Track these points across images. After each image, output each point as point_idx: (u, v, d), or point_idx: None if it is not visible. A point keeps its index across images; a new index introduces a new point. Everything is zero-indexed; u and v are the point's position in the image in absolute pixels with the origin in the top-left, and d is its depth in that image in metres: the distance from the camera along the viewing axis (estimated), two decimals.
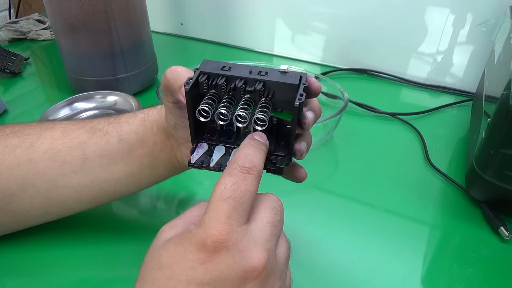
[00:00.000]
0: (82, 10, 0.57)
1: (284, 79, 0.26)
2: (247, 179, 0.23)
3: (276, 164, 0.28)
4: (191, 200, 0.46)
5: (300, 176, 0.31)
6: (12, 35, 0.90)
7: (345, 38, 0.78)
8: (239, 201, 0.22)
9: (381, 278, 0.37)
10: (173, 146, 0.34)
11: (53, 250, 0.39)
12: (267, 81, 0.26)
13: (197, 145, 0.29)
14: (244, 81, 0.26)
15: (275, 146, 0.29)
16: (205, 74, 0.27)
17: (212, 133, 0.30)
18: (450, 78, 0.73)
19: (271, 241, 0.23)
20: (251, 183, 0.23)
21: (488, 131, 0.40)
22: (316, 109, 0.29)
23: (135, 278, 0.24)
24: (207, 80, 0.27)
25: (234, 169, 0.23)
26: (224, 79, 0.26)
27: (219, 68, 0.27)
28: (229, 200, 0.22)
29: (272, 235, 0.23)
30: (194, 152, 0.28)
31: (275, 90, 0.27)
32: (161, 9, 0.93)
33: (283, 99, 0.27)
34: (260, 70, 0.27)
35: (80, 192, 0.35)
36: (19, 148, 0.34)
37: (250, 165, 0.23)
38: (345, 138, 0.58)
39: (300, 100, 0.25)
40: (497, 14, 0.60)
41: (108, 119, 0.36)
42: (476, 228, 0.43)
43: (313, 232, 0.42)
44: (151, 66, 0.70)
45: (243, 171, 0.23)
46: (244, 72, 0.27)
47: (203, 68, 0.27)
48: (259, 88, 0.26)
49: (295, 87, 0.26)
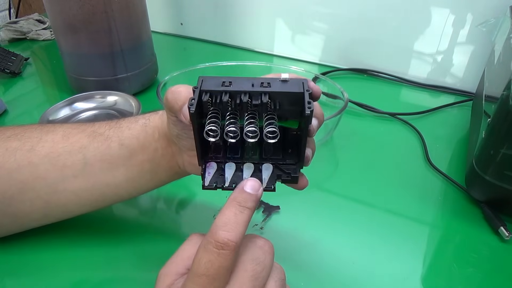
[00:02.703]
0: (82, 10, 0.57)
1: (288, 88, 0.26)
2: (221, 256, 0.23)
3: (291, 174, 0.28)
4: (191, 200, 0.46)
5: (301, 183, 0.31)
6: (12, 35, 0.90)
7: (345, 38, 0.78)
8: (213, 278, 0.23)
9: (381, 278, 0.37)
10: (174, 153, 0.34)
11: (53, 250, 0.39)
12: (271, 92, 0.26)
13: (206, 165, 0.28)
14: (248, 95, 0.26)
15: (284, 154, 0.29)
16: (207, 92, 0.26)
17: (217, 150, 0.29)
18: (450, 78, 0.73)
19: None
20: (225, 259, 0.23)
21: (488, 131, 0.40)
22: (319, 115, 0.29)
23: (135, 278, 0.24)
24: (210, 99, 0.26)
25: (209, 243, 0.23)
26: (228, 95, 0.26)
27: (220, 84, 0.26)
28: (203, 277, 0.23)
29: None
30: (206, 174, 0.28)
31: (280, 101, 0.26)
32: (161, 9, 0.93)
33: (288, 109, 0.26)
34: (261, 81, 0.26)
35: (80, 196, 0.35)
36: (19, 151, 0.34)
37: (226, 239, 0.23)
38: (345, 138, 0.58)
39: (310, 108, 0.24)
40: (497, 14, 0.60)
41: (109, 123, 0.36)
42: (476, 228, 0.43)
43: (313, 232, 0.42)
44: (151, 66, 0.70)
45: (217, 247, 0.23)
46: (246, 86, 0.26)
47: (203, 86, 0.26)
48: (266, 101, 0.25)
49: (300, 96, 0.26)
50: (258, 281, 0.24)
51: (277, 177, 0.28)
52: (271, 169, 0.28)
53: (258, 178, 0.27)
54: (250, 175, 0.27)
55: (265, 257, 0.25)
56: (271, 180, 0.27)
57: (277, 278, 0.26)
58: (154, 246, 0.40)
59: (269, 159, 0.28)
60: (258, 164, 0.28)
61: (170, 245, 0.30)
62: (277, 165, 0.28)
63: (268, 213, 0.44)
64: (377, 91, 0.73)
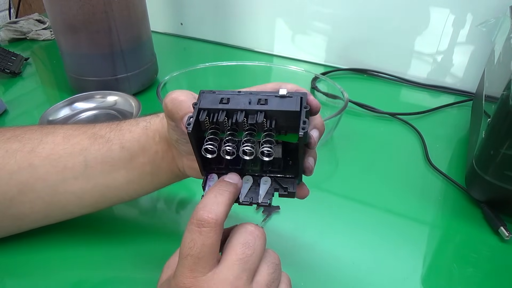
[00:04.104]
0: (82, 10, 0.57)
1: (284, 106, 0.26)
2: (202, 234, 0.24)
3: (288, 189, 0.28)
4: (191, 200, 0.46)
5: (302, 193, 0.31)
6: (12, 35, 0.90)
7: (345, 38, 0.78)
8: (197, 257, 0.24)
9: (381, 278, 0.37)
10: (174, 156, 0.34)
11: (53, 250, 0.39)
12: (268, 110, 0.26)
13: (207, 177, 0.29)
14: (245, 114, 0.26)
15: (284, 166, 0.29)
16: (205, 110, 0.27)
17: (219, 162, 0.29)
18: (450, 78, 0.73)
19: (240, 278, 0.24)
20: (207, 237, 0.24)
21: (488, 131, 0.40)
22: (320, 126, 0.29)
23: (134, 278, 0.24)
24: (208, 117, 0.26)
25: (191, 223, 0.24)
26: (224, 113, 0.26)
27: (218, 101, 0.27)
28: (188, 257, 0.24)
29: (242, 271, 0.24)
30: (206, 186, 0.29)
31: (277, 118, 0.26)
32: (161, 9, 0.93)
33: (286, 124, 0.27)
34: (259, 97, 0.27)
35: (80, 197, 0.35)
36: (20, 152, 0.34)
37: (206, 216, 0.24)
38: (345, 138, 0.58)
39: (303, 129, 0.24)
40: (497, 14, 0.60)
41: (110, 125, 0.36)
42: (476, 228, 0.43)
43: (313, 232, 0.42)
44: (151, 66, 0.70)
45: (198, 225, 0.24)
46: (243, 103, 0.26)
47: (202, 104, 0.27)
48: (261, 120, 0.26)
49: (296, 114, 0.26)
50: (248, 264, 0.24)
51: (274, 191, 0.28)
52: (269, 184, 0.28)
53: (256, 193, 0.28)
54: (248, 189, 0.28)
55: (255, 242, 0.25)
56: (268, 195, 0.28)
57: (270, 262, 0.26)
58: (154, 246, 0.40)
59: (269, 171, 0.29)
60: (257, 177, 0.29)
61: (170, 245, 0.30)
62: (276, 179, 0.29)
63: (268, 213, 0.44)
64: (377, 91, 0.73)
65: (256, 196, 0.28)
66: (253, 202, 0.28)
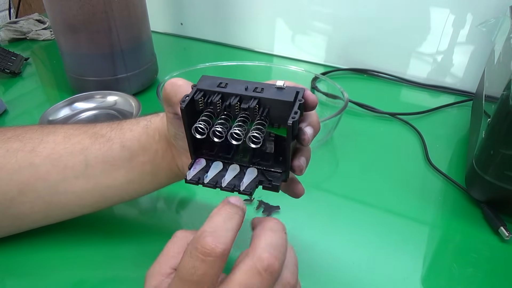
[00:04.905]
0: (82, 10, 0.57)
1: (279, 96, 0.26)
2: (206, 263, 0.21)
3: (272, 182, 0.28)
4: (191, 200, 0.46)
5: (297, 191, 0.30)
6: (12, 35, 0.90)
7: (345, 38, 0.78)
8: (196, 284, 0.22)
9: (381, 278, 0.37)
10: (174, 155, 0.34)
11: (53, 250, 0.39)
12: (262, 98, 0.26)
13: (195, 160, 0.29)
14: (239, 98, 0.26)
15: (274, 161, 0.29)
16: (202, 91, 0.27)
17: (210, 148, 0.29)
18: (450, 78, 0.73)
19: None
20: (210, 267, 0.21)
21: (488, 131, 0.40)
22: (315, 123, 0.29)
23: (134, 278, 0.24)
24: (203, 98, 0.27)
25: (194, 249, 0.22)
26: (219, 96, 0.26)
27: (216, 84, 0.27)
28: (187, 282, 0.22)
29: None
30: (191, 168, 0.28)
31: (270, 107, 0.26)
32: (161, 9, 0.93)
33: (280, 116, 0.27)
34: (256, 86, 0.27)
35: (81, 197, 0.35)
36: (20, 152, 0.34)
37: (213, 245, 0.21)
38: (345, 138, 0.58)
39: (293, 118, 0.24)
40: (497, 14, 0.60)
41: (111, 125, 0.36)
42: (476, 228, 0.43)
43: (313, 232, 0.42)
44: (151, 66, 0.70)
45: (203, 253, 0.21)
46: (240, 89, 0.27)
47: (200, 85, 0.27)
48: (253, 106, 0.26)
49: (290, 104, 0.26)
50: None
51: (258, 183, 0.28)
52: (254, 174, 0.28)
53: (240, 180, 0.27)
54: (233, 177, 0.28)
55: (261, 274, 0.22)
56: (251, 185, 0.27)
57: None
58: (154, 246, 0.39)
59: (257, 163, 0.29)
60: (245, 167, 0.28)
61: None
62: (263, 171, 0.28)
63: (268, 213, 0.44)
64: (377, 91, 0.73)
65: (239, 183, 0.27)
66: (235, 189, 0.27)
